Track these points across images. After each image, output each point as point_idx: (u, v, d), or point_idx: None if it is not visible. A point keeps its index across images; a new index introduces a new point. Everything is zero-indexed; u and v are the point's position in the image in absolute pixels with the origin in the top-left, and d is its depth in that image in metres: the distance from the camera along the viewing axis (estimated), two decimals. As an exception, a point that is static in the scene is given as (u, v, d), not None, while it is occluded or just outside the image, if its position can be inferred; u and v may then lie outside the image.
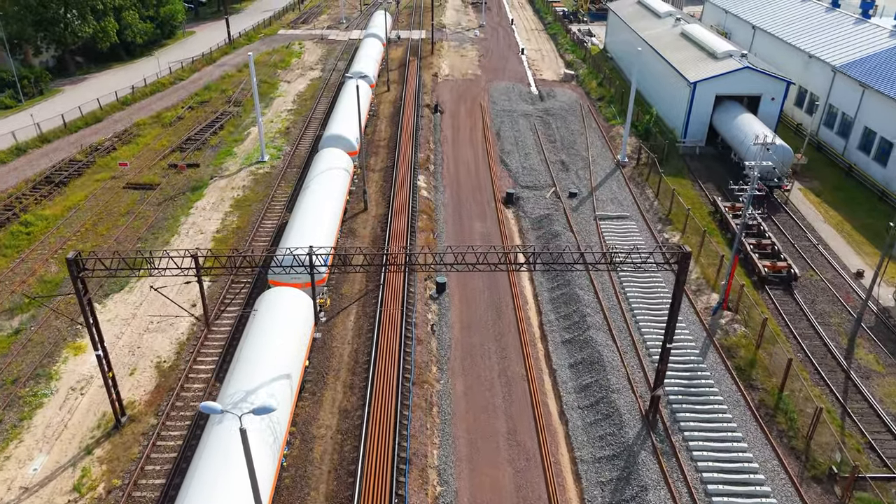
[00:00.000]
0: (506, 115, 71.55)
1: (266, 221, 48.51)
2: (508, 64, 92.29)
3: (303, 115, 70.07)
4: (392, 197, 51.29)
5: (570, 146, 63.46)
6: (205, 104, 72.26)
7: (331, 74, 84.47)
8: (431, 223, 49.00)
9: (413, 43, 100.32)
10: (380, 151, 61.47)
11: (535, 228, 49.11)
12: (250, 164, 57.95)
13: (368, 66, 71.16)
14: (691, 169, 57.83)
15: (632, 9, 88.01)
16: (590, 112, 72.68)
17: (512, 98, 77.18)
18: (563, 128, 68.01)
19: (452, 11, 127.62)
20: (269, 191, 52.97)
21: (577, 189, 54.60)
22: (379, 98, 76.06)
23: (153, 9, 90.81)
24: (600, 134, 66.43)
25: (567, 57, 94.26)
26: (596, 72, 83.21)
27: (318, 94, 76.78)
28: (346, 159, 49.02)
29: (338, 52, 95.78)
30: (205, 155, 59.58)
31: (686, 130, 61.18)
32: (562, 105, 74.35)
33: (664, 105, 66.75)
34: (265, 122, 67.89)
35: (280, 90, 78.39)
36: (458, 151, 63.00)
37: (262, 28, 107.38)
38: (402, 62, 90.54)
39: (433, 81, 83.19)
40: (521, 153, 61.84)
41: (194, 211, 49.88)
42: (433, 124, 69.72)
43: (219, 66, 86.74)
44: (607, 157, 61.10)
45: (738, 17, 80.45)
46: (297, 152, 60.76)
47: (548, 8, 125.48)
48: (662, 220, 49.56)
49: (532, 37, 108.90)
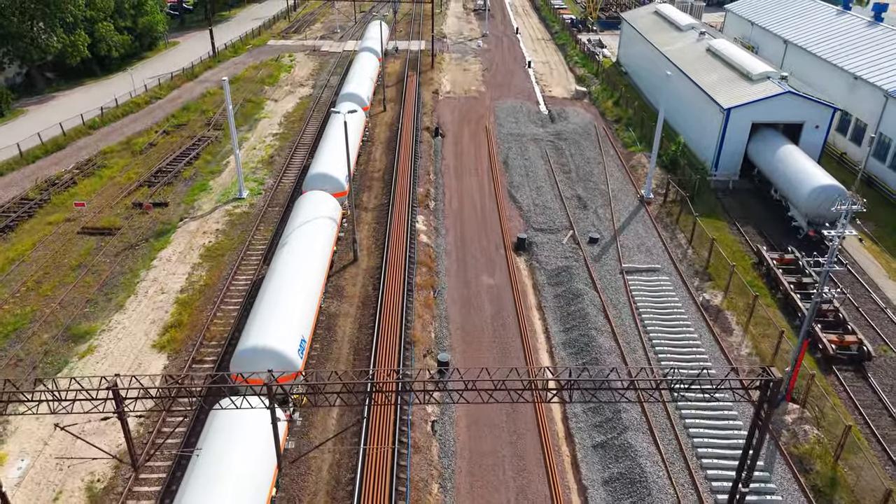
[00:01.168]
0: (513, 140, 64.78)
1: (239, 277, 41.69)
2: (514, 79, 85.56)
3: (289, 141, 63.27)
4: (386, 244, 44.51)
5: (586, 178, 56.68)
6: (182, 127, 65.46)
7: (322, 92, 77.70)
8: (431, 277, 42.18)
9: (412, 55, 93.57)
10: (374, 185, 54.68)
11: (551, 284, 42.28)
12: (227, 202, 51.15)
13: (362, 85, 64.40)
14: (726, 207, 51.04)
15: (648, 20, 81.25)
16: (606, 136, 65.92)
17: (520, 119, 70.43)
18: (578, 155, 61.24)
19: (454, 19, 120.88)
20: (246, 236, 46.18)
21: (598, 232, 47.82)
22: (374, 119, 69.29)
23: (131, 19, 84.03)
24: (619, 163, 59.67)
25: (577, 71, 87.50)
26: (610, 89, 76.44)
27: (308, 114, 70.01)
28: (332, 204, 42.22)
29: (331, 65, 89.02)
30: (176, 191, 52.76)
31: (717, 161, 54.42)
32: (575, 128, 67.60)
33: (691, 132, 59.97)
34: (247, 150, 61.13)
35: (266, 110, 71.61)
36: (462, 184, 56.23)
37: (251, 38, 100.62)
38: (400, 77, 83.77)
39: (433, 99, 76.44)
40: (532, 186, 55.07)
41: (157, 263, 43.08)
42: (434, 150, 62.97)
43: (200, 82, 79.94)
44: (629, 191, 54.31)
45: (767, 30, 73.64)
46: (280, 186, 53.96)
47: (554, 16, 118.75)
48: (700, 275, 42.75)
49: (539, 47, 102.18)
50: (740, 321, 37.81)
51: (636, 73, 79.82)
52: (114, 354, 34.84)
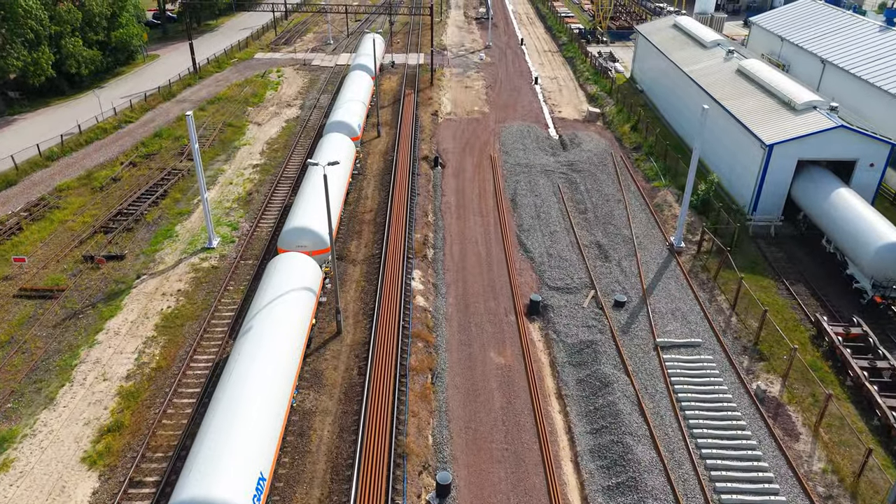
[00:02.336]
0: (521, 172, 57.97)
1: (199, 357, 34.82)
2: (521, 97, 78.79)
3: (271, 174, 56.44)
4: (376, 311, 37.68)
5: (606, 219, 49.89)
6: (151, 157, 58.62)
7: (311, 113, 70.89)
8: (429, 355, 35.33)
9: (409, 70, 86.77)
10: (364, 230, 47.86)
11: (573, 364, 35.42)
12: (194, 253, 44.33)
13: (352, 112, 57.56)
14: (769, 259, 44.23)
15: (667, 34, 74.47)
16: (624, 167, 59.11)
17: (528, 146, 63.63)
18: (595, 190, 54.44)
19: (454, 29, 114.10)
20: (212, 300, 39.35)
21: (625, 292, 41.03)
22: (367, 147, 62.47)
23: (103, 33, 77.22)
24: (642, 201, 52.85)
25: (589, 88, 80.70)
26: (627, 111, 69.64)
27: (294, 140, 63.19)
28: (311, 268, 35.37)
29: (322, 81, 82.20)
30: (136, 238, 45.93)
31: (756, 203, 47.61)
32: (589, 157, 60.79)
33: (723, 166, 53.10)
34: (222, 185, 54.31)
35: (247, 136, 64.76)
36: (465, 226, 49.42)
37: (237, 51, 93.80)
38: (397, 96, 76.98)
39: (432, 122, 69.66)
40: (545, 230, 48.27)
41: (104, 336, 36.23)
42: (433, 184, 56.16)
43: (178, 101, 73.13)
44: (656, 238, 47.49)
45: (801, 47, 66.77)
46: (257, 233, 47.14)
47: (561, 25, 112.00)
48: (749, 352, 35.90)
49: (545, 60, 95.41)
50: (807, 421, 30.98)
51: (653, 91, 73.04)
52: (33, 472, 27.99)
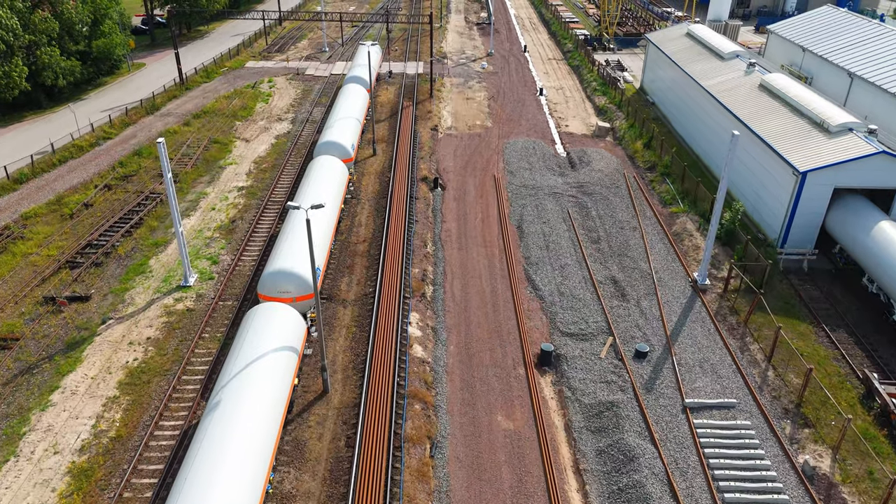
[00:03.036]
0: (528, 195, 53.75)
1: (165, 423, 30.60)
2: (525, 109, 74.58)
3: (257, 197, 52.20)
4: (368, 365, 33.46)
5: (621, 250, 45.70)
6: (128, 179, 54.40)
7: (302, 128, 66.67)
8: (428, 421, 31.09)
9: (408, 80, 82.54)
10: (356, 264, 43.63)
11: (592, 430, 31.18)
12: (168, 292, 40.10)
13: (346, 130, 53.32)
14: (804, 298, 39.97)
15: (680, 43, 70.28)
16: (639, 188, 54.92)
17: (534, 164, 59.41)
18: (607, 216, 50.24)
19: (455, 35, 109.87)
20: (185, 349, 35.11)
21: (646, 339, 36.81)
22: (362, 167, 58.24)
23: (84, 42, 73.00)
24: (659, 228, 48.64)
25: (597, 100, 76.49)
26: (638, 126, 65.41)
27: (284, 159, 58.96)
28: (292, 322, 31.11)
29: (315, 93, 77.98)
30: (106, 274, 41.69)
31: (786, 234, 43.41)
32: (600, 177, 56.58)
33: (747, 191, 48.86)
34: (204, 210, 50.07)
35: (234, 154, 60.51)
36: (467, 258, 45.21)
37: (227, 60, 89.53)
38: (394, 109, 72.76)
39: (432, 138, 65.44)
40: (555, 263, 44.07)
41: (59, 397, 31.99)
42: (432, 208, 51.96)
43: (162, 115, 68.89)
44: (677, 272, 43.25)
45: (826, 59, 62.55)
46: (239, 267, 42.91)
47: (566, 31, 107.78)
48: (791, 415, 31.65)
49: (550, 69, 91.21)
50: (865, 507, 26.79)
51: (666, 104, 68.84)
52: (-40, 578, 23.81)
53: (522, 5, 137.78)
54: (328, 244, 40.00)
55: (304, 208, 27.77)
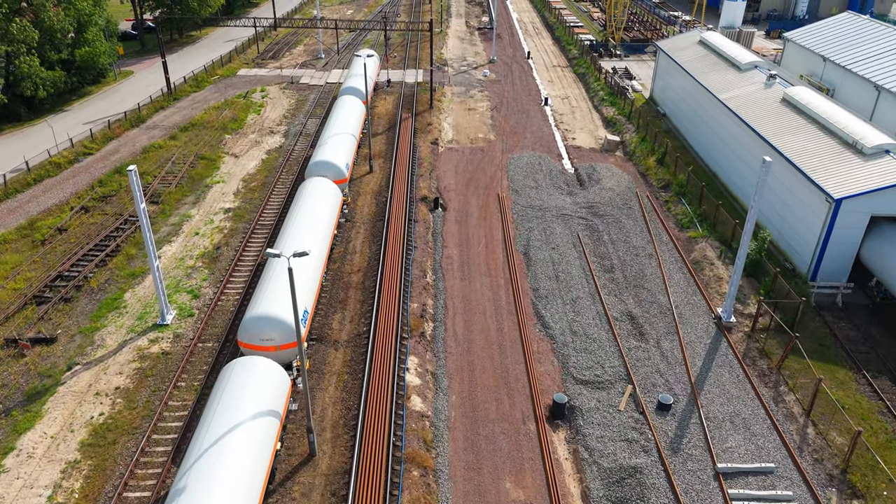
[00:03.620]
0: (534, 216, 50.24)
1: (130, 494, 27.05)
2: (530, 121, 71.06)
3: (245, 220, 48.66)
4: (360, 424, 29.93)
5: (636, 280, 42.19)
6: (107, 200, 50.87)
7: (296, 142, 63.14)
8: (427, 492, 27.53)
9: (407, 89, 79.01)
10: (349, 298, 40.10)
11: (613, 501, 27.62)
12: (143, 332, 36.58)
13: (340, 148, 49.77)
14: (841, 339, 36.40)
15: (693, 52, 66.75)
16: (652, 209, 51.41)
17: (540, 182, 55.90)
18: (621, 241, 46.73)
19: (455, 41, 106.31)
20: (157, 401, 31.59)
21: (669, 388, 33.28)
22: (357, 186, 54.70)
23: (67, 50, 69.47)
24: (677, 255, 45.12)
25: (605, 111, 72.96)
26: (650, 141, 61.88)
27: (274, 177, 55.43)
28: (274, 380, 27.57)
29: (310, 103, 74.46)
30: (76, 311, 38.16)
31: (818, 265, 39.88)
32: (611, 197, 53.05)
33: (772, 215, 45.24)
34: (187, 235, 46.55)
35: (221, 171, 56.96)
36: (470, 290, 41.68)
37: (218, 67, 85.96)
38: (392, 121, 69.23)
39: (432, 152, 61.91)
40: (566, 297, 40.55)
41: (13, 461, 28.44)
42: (432, 232, 48.46)
43: (147, 128, 65.37)
44: (699, 307, 39.71)
45: (849, 70, 58.99)
46: (221, 301, 39.38)
47: (570, 36, 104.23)
48: (836, 482, 28.13)
49: (555, 76, 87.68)
50: None
51: (678, 116, 65.33)
52: None
53: (525, 9, 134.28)
54: (318, 279, 36.46)
55: (287, 256, 24.22)
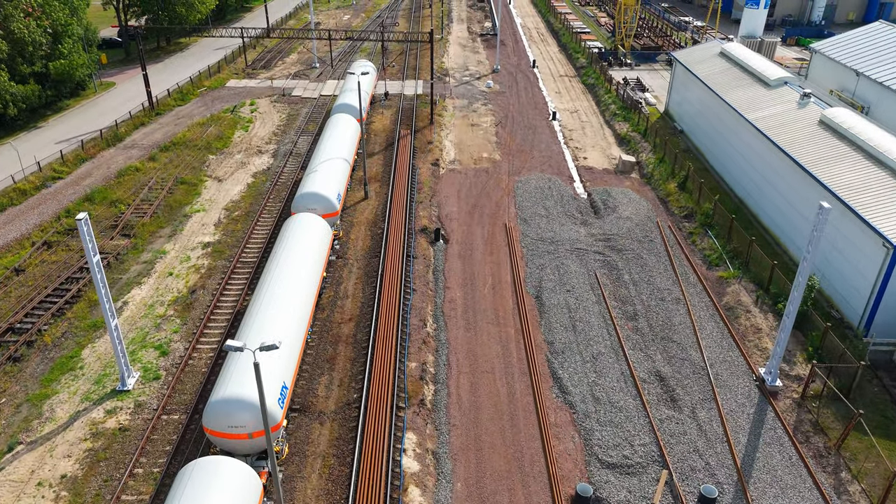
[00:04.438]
0: (546, 251, 45.44)
1: None
2: (537, 138, 66.24)
3: (225, 257, 43.84)
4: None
5: (664, 331, 37.35)
6: (74, 233, 46.05)
7: (285, 163, 58.33)
8: None
9: (406, 102, 74.20)
10: (338, 357, 35.25)
11: None
12: (100, 400, 31.76)
13: (331, 177, 44.90)
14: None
15: (714, 64, 61.92)
16: (676, 243, 46.58)
17: (551, 210, 51.09)
18: (643, 282, 41.90)
19: (457, 48, 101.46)
20: (108, 494, 26.74)
21: (711, 473, 28.42)
22: (351, 215, 49.85)
23: (41, 63, 64.67)
24: (707, 300, 40.25)
25: (618, 127, 68.12)
26: (669, 162, 57.04)
27: (260, 204, 50.64)
28: (241, 483, 22.73)
29: (302, 118, 69.66)
30: (24, 374, 33.34)
31: (871, 317, 35.06)
32: (630, 227, 48.24)
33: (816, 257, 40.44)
34: (159, 276, 41.72)
35: (203, 198, 52.12)
36: (476, 344, 36.84)
37: (206, 78, 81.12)
38: (390, 139, 64.40)
39: (433, 175, 57.09)
40: (585, 352, 35.72)
41: (-71, 578, 23.72)
42: (433, 269, 43.64)
43: (125, 148, 60.57)
44: (737, 365, 34.87)
45: (887, 86, 54.08)
46: (193, 361, 34.54)
47: (577, 43, 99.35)
48: None
49: (562, 87, 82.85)
50: None
51: (698, 134, 60.53)
52: None
53: (529, 14, 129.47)
54: (302, 340, 31.61)
55: (252, 350, 19.38)
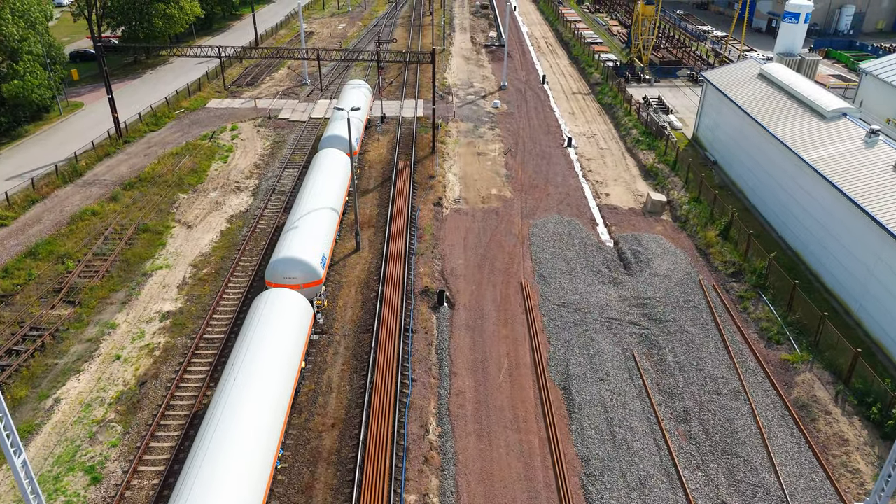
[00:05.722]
0: (571, 322, 38.07)
1: None
2: (552, 169, 58.88)
3: (186, 333, 36.41)
4: None
5: (724, 441, 29.96)
6: (8, 301, 38.63)
7: (266, 202, 50.95)
8: None
9: (404, 126, 66.85)
10: (316, 484, 27.83)
11: None
12: (4, 555, 24.44)
13: (312, 239, 37.45)
14: None
15: (753, 88, 54.56)
16: (723, 307, 39.20)
17: (573, 263, 43.75)
18: (691, 365, 34.55)
19: (460, 61, 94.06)
20: None
21: None
22: (339, 273, 42.45)
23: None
24: (772, 391, 32.84)
25: (642, 156, 60.73)
26: (705, 202, 49.68)
27: (234, 258, 43.28)
28: None
29: (289, 145, 62.30)
30: (-88, 513, 26.05)
31: None
32: (668, 288, 40.90)
33: (892, 329, 33.21)
34: (105, 355, 34.30)
35: (167, 249, 44.73)
36: (492, 461, 29.43)
37: (185, 97, 73.71)
38: (386, 172, 57.03)
39: (435, 218, 49.73)
40: (630, 474, 28.38)
41: None
42: (436, 347, 36.27)
43: (84, 184, 53.22)
44: (822, 491, 27.49)
45: (963, 118, 46.79)
46: (132, 493, 27.15)
47: (590, 56, 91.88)
48: None
49: (576, 107, 75.48)
50: None
51: (735, 167, 53.29)
52: None
53: (536, 21, 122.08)
54: (269, 468, 24.32)
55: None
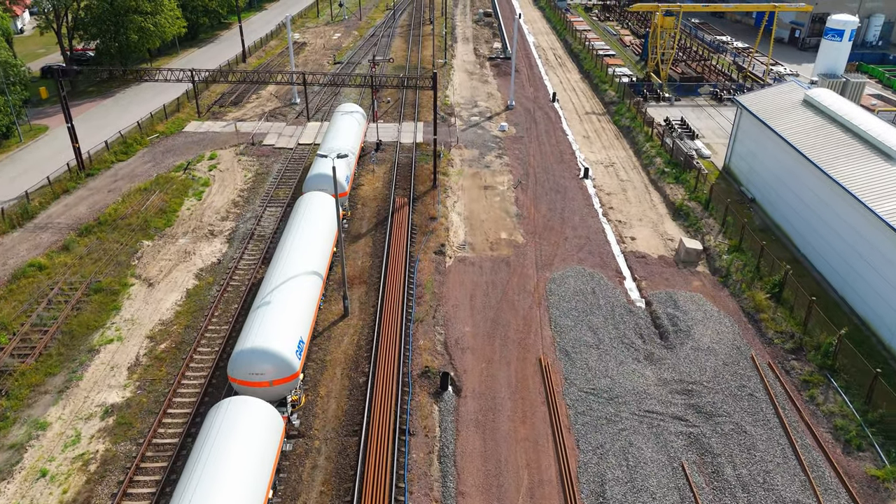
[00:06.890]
0: (602, 417, 31.32)
1: None
2: (568, 205, 52.12)
3: (132, 436, 29.54)
4: None
5: None
6: (-79, 389, 31.90)
7: (242, 252, 44.14)
8: None
9: (402, 155, 60.05)
10: None
11: None
12: None
13: (290, 318, 30.70)
14: None
15: (798, 117, 47.84)
16: (784, 393, 32.44)
17: (600, 333, 36.97)
18: (755, 482, 27.86)
19: (463, 75, 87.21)
20: None
21: None
22: (324, 348, 35.62)
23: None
24: (862, 524, 26.16)
25: (668, 191, 53.92)
26: (749, 252, 42.94)
27: (200, 326, 36.44)
28: None
29: (273, 177, 55.52)
30: None
31: None
32: (715, 366, 34.17)
33: None
34: (29, 470, 27.47)
35: (122, 316, 37.82)
36: None
37: (160, 120, 66.86)
38: (381, 212, 50.21)
39: (436, 270, 42.94)
40: None
41: None
42: (438, 454, 29.52)
43: (34, 229, 46.41)
44: None
45: None
46: None
47: (603, 71, 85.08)
48: None
49: (591, 129, 68.72)
50: None
51: (779, 207, 46.66)
52: None
53: (542, 31, 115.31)
54: None
55: None
